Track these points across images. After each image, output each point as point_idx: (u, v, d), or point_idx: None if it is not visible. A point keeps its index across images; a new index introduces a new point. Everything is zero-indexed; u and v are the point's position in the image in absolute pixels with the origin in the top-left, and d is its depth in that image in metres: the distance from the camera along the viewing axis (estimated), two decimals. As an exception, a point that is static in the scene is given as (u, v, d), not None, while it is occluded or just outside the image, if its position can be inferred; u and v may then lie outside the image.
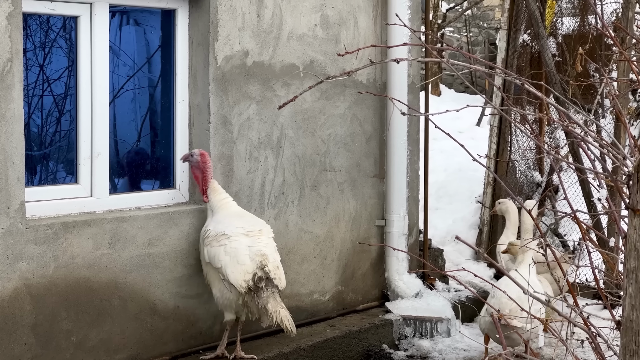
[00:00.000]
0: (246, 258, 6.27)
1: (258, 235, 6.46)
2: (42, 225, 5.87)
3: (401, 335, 7.67)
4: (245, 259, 6.27)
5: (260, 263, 6.27)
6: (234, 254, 6.28)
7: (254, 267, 6.25)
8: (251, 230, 6.46)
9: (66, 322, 6.01)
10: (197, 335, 6.74)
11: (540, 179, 10.33)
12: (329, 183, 7.62)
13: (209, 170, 6.57)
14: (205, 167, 6.56)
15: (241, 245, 6.32)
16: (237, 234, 6.37)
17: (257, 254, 6.30)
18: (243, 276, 6.21)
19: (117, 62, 6.73)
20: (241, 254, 6.28)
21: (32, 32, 6.37)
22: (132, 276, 6.32)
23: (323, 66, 7.45)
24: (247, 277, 6.22)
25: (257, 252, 6.30)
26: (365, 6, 7.77)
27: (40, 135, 6.61)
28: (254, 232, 6.45)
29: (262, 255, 6.30)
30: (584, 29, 9.92)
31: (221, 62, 6.74)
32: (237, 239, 6.35)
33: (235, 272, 6.23)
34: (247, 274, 6.22)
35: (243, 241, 6.35)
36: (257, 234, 6.46)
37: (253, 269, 6.24)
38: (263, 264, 6.27)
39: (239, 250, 6.29)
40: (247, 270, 6.24)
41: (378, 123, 7.96)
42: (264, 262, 6.28)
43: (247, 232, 6.43)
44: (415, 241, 8.36)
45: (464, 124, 16.34)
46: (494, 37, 22.96)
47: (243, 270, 6.23)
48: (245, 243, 6.34)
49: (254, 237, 6.42)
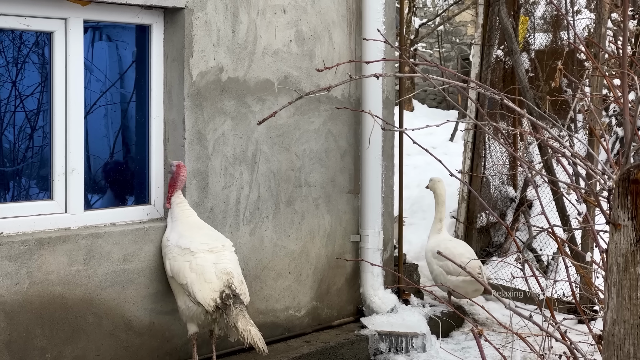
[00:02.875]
0: (212, 276, 6.21)
1: (221, 250, 6.40)
2: (16, 242, 5.83)
3: (377, 350, 7.66)
4: (212, 277, 6.20)
5: (227, 281, 6.20)
6: (200, 271, 6.21)
7: (221, 285, 6.19)
8: (215, 246, 6.40)
9: (40, 339, 5.96)
10: (173, 352, 6.70)
11: (514, 194, 10.37)
12: (304, 198, 7.61)
13: (180, 181, 6.57)
14: (178, 178, 6.57)
15: (207, 263, 6.25)
16: (201, 250, 6.32)
17: (223, 271, 6.23)
18: (210, 294, 6.15)
19: (90, 78, 6.70)
20: (207, 271, 6.21)
21: (5, 47, 6.33)
22: (107, 292, 6.29)
23: (298, 81, 7.46)
24: (215, 295, 6.16)
25: (222, 270, 6.23)
26: (339, 22, 7.78)
27: (13, 151, 6.57)
28: (217, 248, 6.39)
29: (227, 272, 6.24)
30: (556, 45, 9.98)
31: (196, 77, 6.73)
32: (202, 255, 6.29)
33: (202, 290, 6.17)
34: (215, 292, 6.16)
35: (208, 258, 6.28)
36: (221, 249, 6.40)
37: (220, 287, 6.18)
38: (230, 282, 6.20)
39: (205, 268, 6.23)
40: (214, 288, 6.17)
41: (353, 138, 7.97)
42: (230, 280, 6.21)
43: (210, 248, 6.37)
44: (390, 256, 8.37)
45: (437, 139, 16.40)
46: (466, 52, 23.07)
47: (210, 289, 6.17)
48: (211, 260, 6.28)
49: (217, 253, 6.36)
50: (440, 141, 16.73)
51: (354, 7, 7.88)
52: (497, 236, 10.35)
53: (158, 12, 6.74)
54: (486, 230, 10.35)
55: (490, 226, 10.36)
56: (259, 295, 7.25)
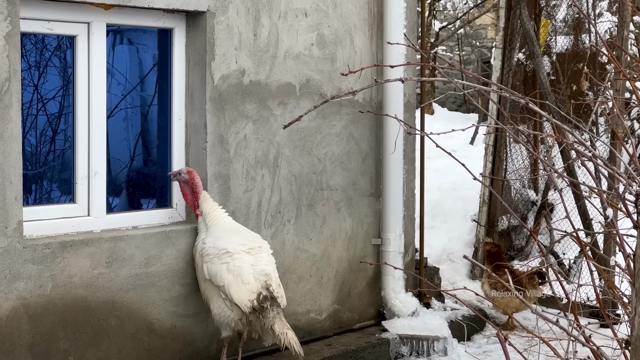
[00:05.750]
0: (250, 277, 6.21)
1: (259, 252, 6.40)
2: (39, 245, 5.85)
3: (398, 354, 7.65)
4: (249, 278, 6.20)
5: (264, 282, 6.20)
6: (237, 273, 6.21)
7: (259, 286, 6.18)
8: (252, 247, 6.40)
9: (63, 341, 5.98)
10: (194, 355, 6.71)
11: (535, 197, 10.35)
12: (326, 202, 7.61)
13: (198, 184, 6.55)
14: (194, 182, 6.54)
15: (245, 264, 6.25)
16: (239, 252, 6.31)
17: (261, 273, 6.23)
18: (248, 296, 6.15)
19: (112, 81, 6.72)
20: (245, 272, 6.22)
21: (28, 51, 6.37)
22: (130, 295, 6.30)
23: (319, 85, 7.46)
24: (252, 296, 6.15)
25: (260, 272, 6.24)
26: (361, 25, 7.78)
27: (36, 154, 6.60)
28: (254, 250, 6.40)
29: (266, 274, 6.25)
30: (577, 48, 9.96)
31: (218, 81, 6.74)
32: (240, 256, 6.29)
33: (239, 291, 6.16)
34: (252, 294, 6.16)
35: (246, 259, 6.29)
36: (258, 251, 6.41)
37: (257, 289, 6.18)
38: (267, 283, 6.21)
39: (243, 269, 6.23)
40: (251, 289, 6.17)
41: (374, 142, 7.96)
42: (268, 281, 6.22)
43: (248, 249, 6.37)
44: (411, 260, 8.36)
45: (458, 142, 16.38)
46: (486, 55, 23.04)
47: (247, 290, 6.17)
48: (249, 261, 6.28)
49: (255, 254, 6.36)
50: (460, 144, 16.71)
51: (375, 10, 7.88)
52: (519, 240, 10.32)
53: (180, 15, 6.75)
54: (507, 233, 10.33)
55: (512, 230, 10.33)
56: (280, 299, 7.25)
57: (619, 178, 3.24)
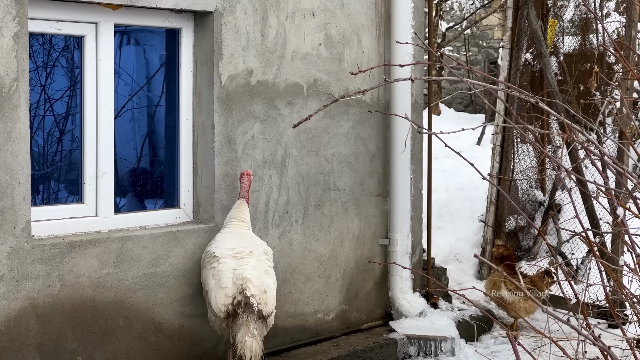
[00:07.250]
0: (229, 281, 5.99)
1: (247, 257, 6.18)
2: (47, 245, 5.86)
3: (405, 354, 7.64)
4: (227, 282, 5.99)
5: (240, 287, 5.93)
6: (218, 277, 6.05)
7: (235, 290, 5.93)
8: (240, 251, 6.20)
9: (72, 341, 5.99)
10: (202, 355, 6.71)
11: (543, 197, 10.34)
12: (333, 202, 7.61)
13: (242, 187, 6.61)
14: (240, 185, 6.65)
15: (226, 268, 6.06)
16: (225, 256, 6.15)
17: (239, 277, 5.98)
18: (223, 300, 5.94)
19: (119, 82, 6.73)
20: (225, 277, 6.02)
21: (35, 52, 6.37)
22: (137, 295, 6.31)
23: (327, 85, 7.45)
24: (227, 301, 5.93)
25: (239, 275, 5.99)
26: (368, 25, 7.77)
27: (44, 154, 6.60)
28: (243, 254, 6.19)
29: (243, 278, 5.96)
30: (584, 48, 9.94)
31: (225, 81, 6.74)
32: (225, 261, 6.12)
33: (217, 296, 5.98)
34: (228, 298, 5.94)
35: (229, 263, 6.09)
36: (247, 255, 6.19)
37: (233, 293, 5.93)
38: (243, 287, 5.92)
39: (223, 273, 6.04)
40: (227, 294, 5.95)
41: (382, 142, 7.96)
42: (244, 285, 5.93)
43: (235, 253, 6.18)
44: (418, 260, 8.36)
45: (464, 143, 16.35)
46: (493, 56, 23.02)
47: (224, 294, 5.95)
48: (231, 265, 6.07)
49: (241, 259, 6.14)
50: (467, 145, 16.68)
51: (382, 10, 7.87)
52: (526, 240, 10.31)
53: (188, 16, 6.75)
54: (514, 234, 10.32)
55: (519, 230, 10.32)
56: (287, 299, 7.25)
57: (629, 177, 3.23)
